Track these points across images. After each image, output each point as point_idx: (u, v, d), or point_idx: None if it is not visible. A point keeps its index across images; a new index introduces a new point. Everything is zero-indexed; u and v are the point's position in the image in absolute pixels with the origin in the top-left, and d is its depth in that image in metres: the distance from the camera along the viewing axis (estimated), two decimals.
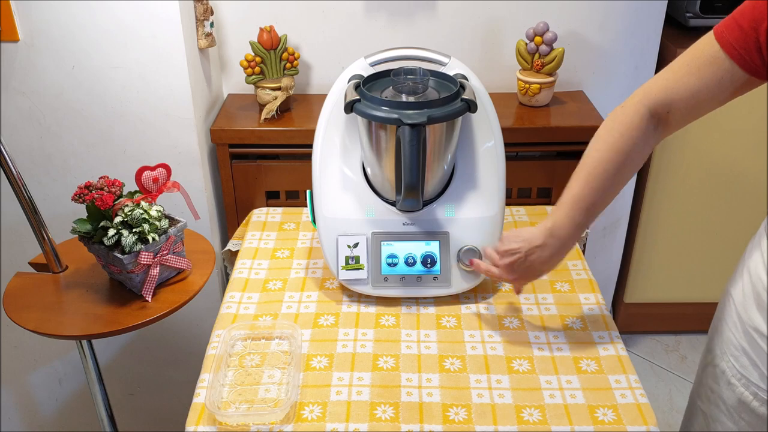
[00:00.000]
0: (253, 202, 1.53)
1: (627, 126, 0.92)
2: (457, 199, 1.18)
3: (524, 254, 0.99)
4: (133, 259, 1.09)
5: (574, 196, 0.97)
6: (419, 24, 1.56)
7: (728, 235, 1.99)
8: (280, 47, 1.49)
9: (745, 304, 0.93)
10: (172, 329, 1.66)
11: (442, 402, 0.97)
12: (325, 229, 1.17)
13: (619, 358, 1.05)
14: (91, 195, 1.09)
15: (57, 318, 1.11)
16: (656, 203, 1.95)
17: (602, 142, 0.95)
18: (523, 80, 1.53)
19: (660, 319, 2.19)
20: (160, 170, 1.15)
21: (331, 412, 0.95)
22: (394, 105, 1.06)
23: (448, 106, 1.07)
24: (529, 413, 0.95)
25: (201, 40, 1.42)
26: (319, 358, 1.05)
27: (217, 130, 1.46)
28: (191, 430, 0.93)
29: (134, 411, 1.79)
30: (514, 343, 1.08)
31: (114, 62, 1.34)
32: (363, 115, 1.07)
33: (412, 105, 1.06)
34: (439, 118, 1.05)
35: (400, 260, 1.16)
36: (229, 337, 1.08)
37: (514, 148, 1.50)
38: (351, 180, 1.19)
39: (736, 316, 0.95)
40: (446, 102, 1.07)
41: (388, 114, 1.05)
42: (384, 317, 1.14)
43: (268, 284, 1.22)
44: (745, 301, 0.94)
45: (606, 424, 0.93)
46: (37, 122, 1.39)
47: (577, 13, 1.57)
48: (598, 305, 1.16)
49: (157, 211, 1.12)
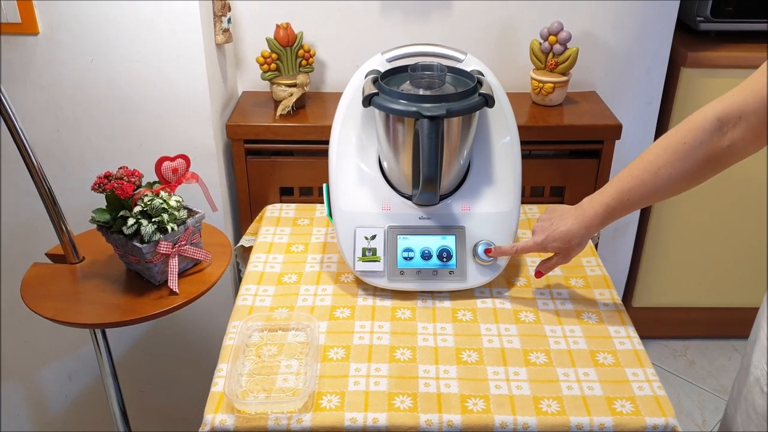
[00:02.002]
0: (266, 198, 1.54)
1: (689, 126, 0.89)
2: (473, 194, 1.19)
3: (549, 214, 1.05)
4: (152, 249, 1.10)
5: (614, 179, 0.97)
6: (434, 23, 1.57)
7: (738, 240, 1.99)
8: (296, 44, 1.50)
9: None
10: (184, 325, 1.66)
11: (461, 393, 0.97)
12: (342, 222, 1.17)
13: (635, 351, 1.05)
14: (111, 184, 1.10)
15: (75, 307, 1.12)
16: (665, 207, 1.95)
17: (662, 138, 0.93)
18: (536, 79, 1.54)
19: (668, 323, 2.19)
20: (180, 161, 1.16)
21: (349, 402, 0.95)
22: (413, 98, 1.07)
23: (466, 100, 1.08)
24: (547, 404, 0.95)
25: (218, 36, 1.43)
26: (335, 349, 1.05)
27: (233, 126, 1.47)
28: (210, 418, 0.93)
29: (143, 409, 1.79)
30: (531, 336, 1.08)
31: (133, 56, 1.35)
32: (382, 108, 1.08)
33: (430, 99, 1.07)
34: (457, 111, 1.06)
35: (416, 254, 1.16)
36: (246, 328, 1.08)
37: (527, 146, 1.50)
38: (367, 174, 1.19)
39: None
40: (464, 96, 1.08)
41: (407, 107, 1.05)
42: (400, 310, 1.14)
43: (284, 278, 1.23)
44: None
45: (624, 415, 0.93)
46: (54, 115, 1.40)
47: (590, 13, 1.58)
48: (613, 300, 1.16)
49: (177, 201, 1.13)
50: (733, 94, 0.87)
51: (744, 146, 0.87)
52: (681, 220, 1.97)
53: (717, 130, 0.88)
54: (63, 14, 1.31)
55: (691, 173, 0.92)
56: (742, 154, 0.89)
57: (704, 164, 0.91)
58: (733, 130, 0.87)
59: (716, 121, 0.87)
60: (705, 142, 0.88)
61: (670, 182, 0.93)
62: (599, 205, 0.99)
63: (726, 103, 0.87)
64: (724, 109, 0.87)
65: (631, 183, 0.96)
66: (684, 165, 0.91)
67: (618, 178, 0.98)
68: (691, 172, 0.92)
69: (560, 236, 1.04)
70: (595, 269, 1.25)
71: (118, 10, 1.31)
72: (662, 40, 1.66)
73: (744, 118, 0.85)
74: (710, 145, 0.88)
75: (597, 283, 1.21)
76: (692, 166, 0.91)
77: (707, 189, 1.93)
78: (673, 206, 1.94)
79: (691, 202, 1.94)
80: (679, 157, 0.90)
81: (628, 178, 0.96)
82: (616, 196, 0.97)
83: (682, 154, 0.90)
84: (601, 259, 1.29)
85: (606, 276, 1.23)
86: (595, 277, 1.23)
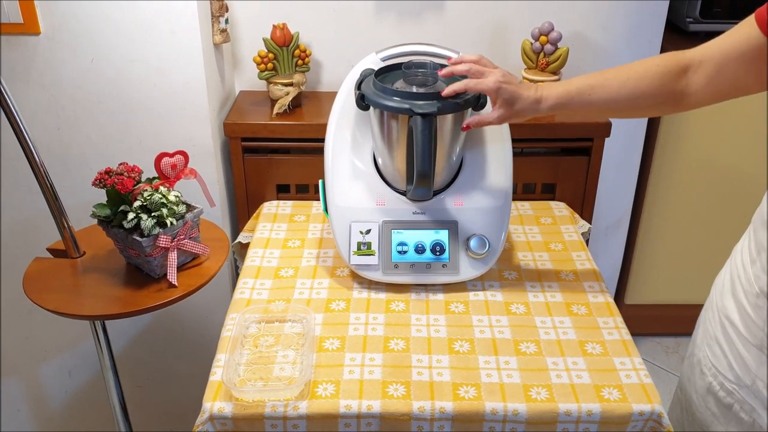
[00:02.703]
0: (263, 195, 1.57)
1: (668, 57, 0.94)
2: (466, 190, 1.21)
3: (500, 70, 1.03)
4: (151, 243, 1.13)
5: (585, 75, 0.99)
6: (427, 23, 1.60)
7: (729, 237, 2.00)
8: (292, 44, 1.53)
9: (723, 292, 0.96)
10: (182, 321, 1.68)
11: (452, 381, 1.00)
12: (338, 217, 1.20)
13: (623, 341, 1.08)
14: (112, 180, 1.12)
15: (76, 300, 1.14)
16: (657, 205, 1.98)
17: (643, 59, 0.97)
18: (528, 79, 1.57)
19: (660, 320, 2.22)
20: (179, 157, 1.18)
21: (344, 390, 0.98)
22: (406, 96, 1.10)
23: (459, 98, 1.10)
24: (536, 392, 0.98)
25: (216, 36, 1.46)
26: (331, 340, 1.08)
27: (231, 124, 1.50)
28: (208, 405, 0.96)
29: (142, 403, 1.81)
30: (521, 327, 1.11)
31: (132, 56, 1.38)
32: (376, 105, 1.11)
33: (423, 96, 1.10)
34: (449, 108, 1.09)
35: (410, 248, 1.19)
36: (244, 320, 1.10)
37: (519, 144, 1.53)
38: (362, 171, 1.22)
39: (715, 306, 0.98)
40: (457, 94, 1.10)
41: (400, 104, 1.08)
42: (394, 303, 1.17)
43: (280, 272, 1.25)
44: (723, 289, 0.96)
45: (612, 402, 0.96)
46: (55, 114, 1.43)
47: (580, 14, 1.61)
48: (602, 293, 1.19)
49: (176, 196, 1.15)
50: (706, 44, 0.92)
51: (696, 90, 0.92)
52: (672, 218, 2.00)
53: (685, 69, 0.93)
54: (64, 15, 1.33)
55: (651, 97, 0.95)
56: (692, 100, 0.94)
57: (665, 95, 0.95)
58: (693, 74, 0.92)
59: (686, 59, 0.93)
60: (673, 73, 0.93)
61: (631, 96, 0.96)
62: (561, 87, 1.00)
63: (698, 50, 0.93)
64: (694, 54, 0.92)
65: (597, 81, 0.98)
66: (650, 86, 0.95)
67: (588, 75, 1.00)
68: (651, 96, 0.95)
69: (512, 90, 1.02)
70: (585, 263, 1.28)
71: (118, 11, 1.33)
72: (652, 41, 1.69)
73: (704, 63, 0.91)
74: (676, 81, 0.93)
75: (587, 277, 1.24)
76: (654, 91, 0.95)
77: (698, 188, 1.97)
78: (665, 204, 1.97)
79: (683, 201, 1.97)
80: (648, 76, 0.94)
81: (598, 77, 0.98)
82: (581, 86, 0.99)
83: (652, 76, 0.94)
84: (593, 256, 1.32)
85: (596, 269, 1.26)
86: (584, 271, 1.26)
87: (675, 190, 1.95)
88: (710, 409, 0.95)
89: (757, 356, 0.87)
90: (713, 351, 0.95)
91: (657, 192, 1.96)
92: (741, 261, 0.93)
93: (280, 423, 0.95)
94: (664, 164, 1.91)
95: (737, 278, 0.93)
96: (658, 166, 1.91)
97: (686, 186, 1.94)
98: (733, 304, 0.92)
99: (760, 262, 0.87)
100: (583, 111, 1.01)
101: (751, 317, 0.88)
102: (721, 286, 0.98)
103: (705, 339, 0.98)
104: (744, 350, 0.89)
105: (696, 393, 0.99)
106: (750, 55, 0.85)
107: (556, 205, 1.47)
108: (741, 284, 0.91)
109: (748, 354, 0.88)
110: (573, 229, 1.39)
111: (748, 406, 0.89)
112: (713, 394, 0.94)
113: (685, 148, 1.88)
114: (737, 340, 0.90)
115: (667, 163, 1.90)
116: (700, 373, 0.98)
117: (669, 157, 1.90)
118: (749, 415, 0.89)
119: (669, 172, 1.92)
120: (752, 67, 0.86)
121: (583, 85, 0.98)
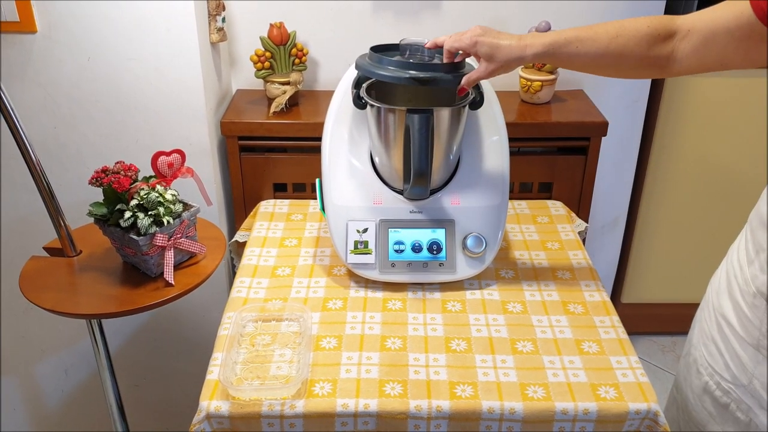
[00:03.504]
0: (260, 194, 1.57)
1: (659, 20, 0.93)
2: (463, 189, 1.21)
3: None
4: (148, 241, 1.12)
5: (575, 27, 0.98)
6: (425, 23, 1.60)
7: (725, 237, 2.01)
8: (289, 43, 1.53)
9: (719, 291, 0.96)
10: (179, 320, 1.68)
11: (449, 380, 1.00)
12: (335, 216, 1.20)
13: (620, 340, 1.08)
14: (108, 178, 1.12)
15: (73, 298, 1.14)
16: (654, 204, 1.98)
17: (634, 18, 0.96)
18: (525, 78, 1.57)
19: (657, 319, 2.22)
20: (175, 155, 1.18)
21: (341, 389, 0.98)
22: (404, 65, 1.07)
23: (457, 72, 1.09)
24: (533, 390, 0.98)
25: (213, 35, 1.45)
26: (328, 338, 1.08)
27: (227, 123, 1.50)
28: (205, 404, 0.96)
29: (139, 402, 1.81)
30: (518, 326, 1.11)
31: (129, 55, 1.38)
32: (373, 75, 1.09)
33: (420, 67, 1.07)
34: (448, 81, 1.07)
35: (407, 247, 1.19)
36: (240, 318, 1.10)
37: (516, 143, 1.53)
38: (359, 170, 1.22)
39: (711, 306, 0.98)
40: (454, 68, 1.09)
41: (397, 73, 1.06)
42: (391, 302, 1.17)
43: (277, 270, 1.25)
44: (719, 289, 0.96)
45: (608, 400, 0.96)
46: (52, 112, 1.43)
47: (577, 13, 1.61)
48: (598, 292, 1.20)
49: (172, 195, 1.15)
50: (697, 13, 0.92)
51: (681, 57, 0.92)
52: (669, 217, 2.00)
53: (672, 34, 0.92)
54: (61, 13, 1.33)
55: (638, 58, 0.94)
56: (677, 67, 0.94)
57: (651, 59, 0.94)
58: (680, 42, 0.92)
59: (676, 25, 0.92)
60: (662, 36, 0.92)
61: (617, 54, 0.95)
62: (549, 36, 0.99)
63: (689, 18, 0.92)
64: (684, 21, 0.92)
65: (587, 35, 0.97)
66: (638, 46, 0.94)
67: (578, 27, 0.98)
68: (638, 58, 0.94)
69: (489, 42, 1.01)
70: (582, 263, 1.28)
71: (115, 10, 1.33)
72: None
73: (692, 32, 0.90)
74: (663, 45, 0.93)
75: (583, 276, 1.24)
76: (641, 52, 0.94)
77: (695, 186, 1.97)
78: (662, 203, 1.97)
79: (679, 200, 1.97)
80: (638, 35, 0.93)
81: (588, 31, 0.97)
82: (569, 37, 0.97)
83: (642, 36, 0.93)
84: (589, 255, 1.32)
85: (592, 269, 1.26)
86: (581, 270, 1.26)
87: (671, 190, 1.95)
88: (707, 409, 0.96)
89: (754, 355, 0.87)
90: (709, 350, 0.95)
91: (653, 191, 1.96)
92: (737, 260, 0.93)
93: (276, 422, 0.95)
94: (660, 163, 1.91)
95: (734, 277, 0.93)
96: (655, 165, 1.92)
97: (683, 185, 1.95)
98: (730, 303, 0.92)
99: (759, 262, 0.87)
100: (568, 62, 1.00)
101: (747, 316, 0.88)
102: (717, 285, 0.98)
103: (701, 338, 0.98)
104: (740, 349, 0.89)
105: (692, 392, 0.99)
106: (738, 34, 0.84)
107: (553, 204, 1.47)
108: (737, 284, 0.91)
109: (744, 353, 0.89)
110: (570, 228, 1.39)
111: (744, 406, 0.89)
112: (710, 393, 0.95)
113: (681, 147, 1.88)
114: (733, 339, 0.90)
115: (663, 162, 1.91)
116: (697, 373, 0.98)
117: (665, 157, 1.90)
118: (746, 415, 0.89)
119: (665, 172, 1.93)
120: (740, 45, 0.85)
121: (572, 36, 0.97)
